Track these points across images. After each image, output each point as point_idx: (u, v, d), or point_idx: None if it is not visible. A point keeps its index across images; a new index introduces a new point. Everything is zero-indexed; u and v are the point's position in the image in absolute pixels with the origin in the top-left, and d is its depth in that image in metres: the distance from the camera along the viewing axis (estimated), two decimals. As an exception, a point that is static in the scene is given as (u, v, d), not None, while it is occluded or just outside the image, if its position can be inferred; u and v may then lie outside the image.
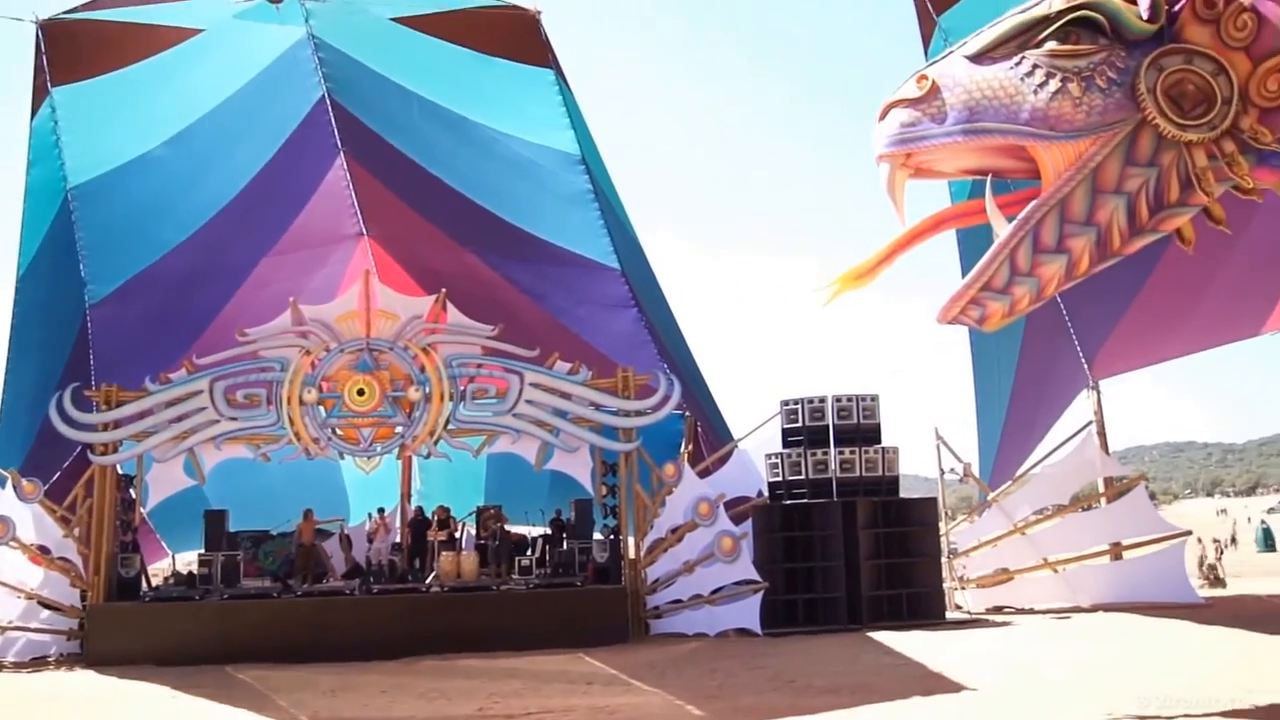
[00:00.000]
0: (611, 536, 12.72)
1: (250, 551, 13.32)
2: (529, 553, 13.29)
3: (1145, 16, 3.97)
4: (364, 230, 14.66)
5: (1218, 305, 13.11)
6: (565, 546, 12.82)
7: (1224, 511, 74.16)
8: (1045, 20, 4.11)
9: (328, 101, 13.41)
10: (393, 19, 13.36)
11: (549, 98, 14.03)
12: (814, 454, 13.09)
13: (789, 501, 13.05)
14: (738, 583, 12.32)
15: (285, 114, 13.45)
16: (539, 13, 13.74)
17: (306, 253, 14.38)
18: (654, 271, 15.30)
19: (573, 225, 14.27)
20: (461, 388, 12.88)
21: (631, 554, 12.83)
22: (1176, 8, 4.08)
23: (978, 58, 4.17)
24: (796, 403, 13.33)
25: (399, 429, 12.69)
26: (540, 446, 12.77)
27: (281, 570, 13.18)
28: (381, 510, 14.24)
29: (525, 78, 14.01)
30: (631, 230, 14.97)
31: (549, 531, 13.62)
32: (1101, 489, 14.43)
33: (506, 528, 13.50)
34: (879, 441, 13.14)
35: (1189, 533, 13.80)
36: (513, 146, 14.02)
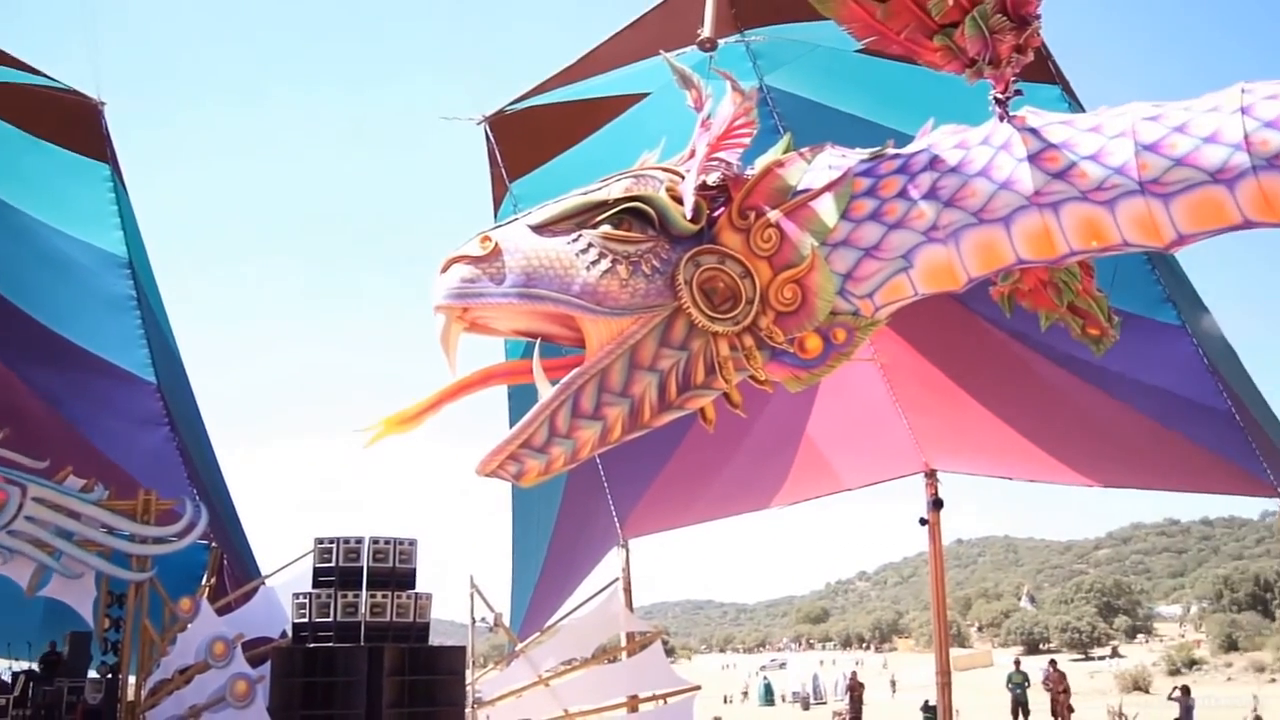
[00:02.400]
0: (109, 675, 11.50)
1: None
2: (7, 693, 11.64)
3: (689, 216, 4.37)
4: None
5: (735, 479, 14.48)
6: (54, 686, 11.38)
7: (730, 666, 79.67)
8: (604, 204, 4.45)
9: None
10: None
11: (100, 193, 13.27)
12: (345, 595, 12.74)
13: (313, 644, 12.49)
14: (250, 729, 11.45)
15: None
16: (103, 104, 12.83)
17: None
18: (193, 389, 14.42)
19: (109, 331, 13.41)
20: (-55, 497, 11.46)
21: (131, 696, 11.56)
22: (716, 213, 4.50)
23: (540, 228, 4.42)
24: (332, 541, 13.01)
25: None
26: (36, 569, 11.48)
27: None
28: None
29: (78, 169, 13.03)
30: (174, 344, 14.11)
31: (37, 668, 12.05)
32: (623, 643, 15.00)
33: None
34: (413, 586, 13.07)
35: (698, 687, 14.69)
36: (53, 240, 12.99)
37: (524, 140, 12.39)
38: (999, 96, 4.58)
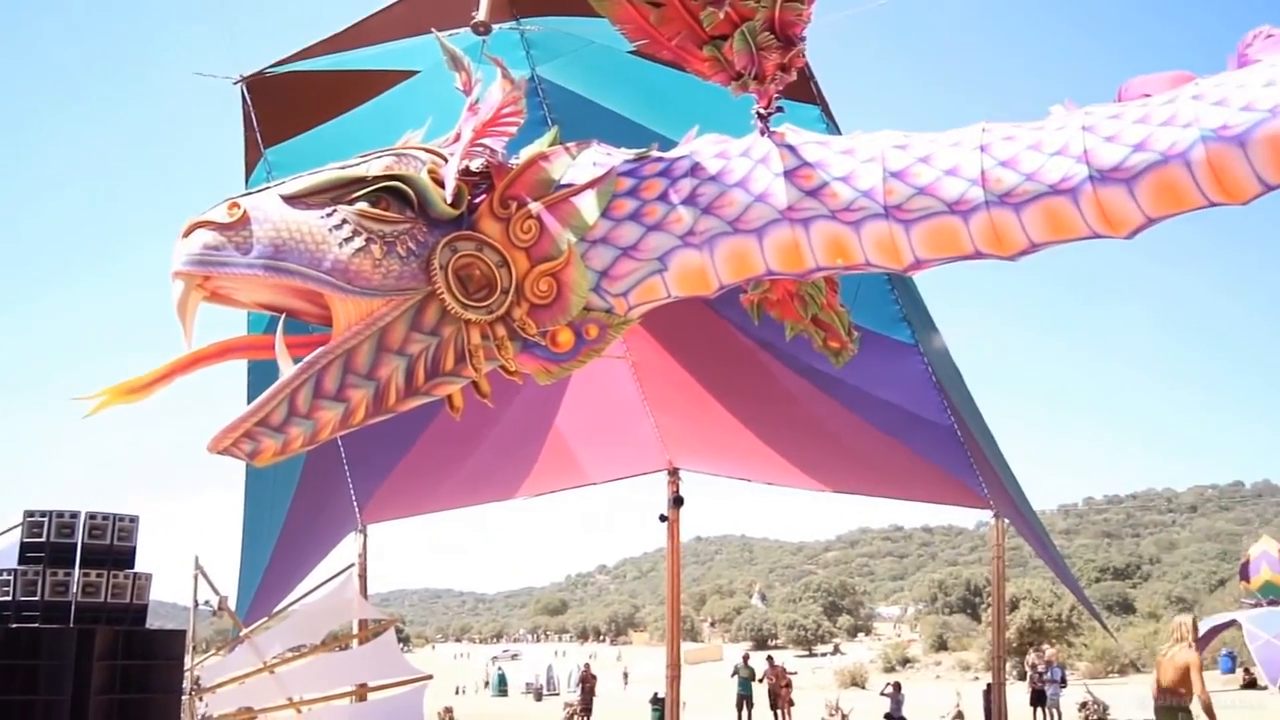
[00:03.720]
0: None
1: None
2: None
3: (449, 200, 4.30)
4: None
5: (481, 468, 14.38)
6: None
7: (464, 656, 79.33)
8: (362, 180, 4.31)
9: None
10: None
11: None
12: (54, 574, 11.81)
13: (16, 625, 11.57)
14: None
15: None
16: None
17: None
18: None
19: None
20: None
21: None
22: (477, 200, 4.45)
23: (292, 199, 4.24)
24: (43, 515, 12.00)
25: None
26: None
27: None
28: None
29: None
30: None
31: None
32: (356, 630, 14.67)
33: None
34: (131, 566, 12.32)
35: (430, 677, 14.54)
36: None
37: (284, 106, 11.66)
38: (761, 111, 4.73)
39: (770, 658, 31.82)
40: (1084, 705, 26.69)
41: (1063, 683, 28.51)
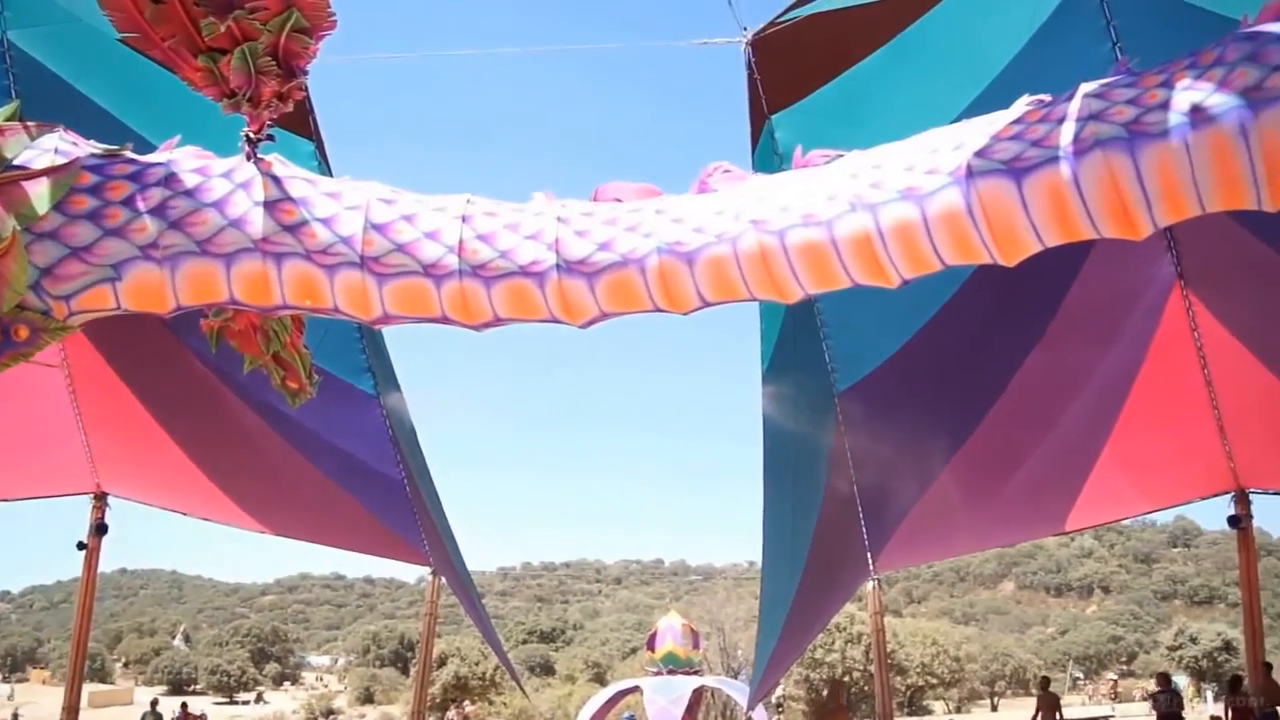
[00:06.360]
0: None
1: None
2: None
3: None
4: None
5: None
6: None
7: None
8: None
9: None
10: None
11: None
12: None
13: None
14: None
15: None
16: None
17: None
18: None
19: None
20: None
21: None
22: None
23: None
24: None
25: None
26: None
27: None
28: None
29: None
30: None
31: None
32: None
33: None
34: None
35: None
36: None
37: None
38: (251, 135, 4.58)
39: (185, 704, 30.06)
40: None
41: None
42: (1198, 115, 3.47)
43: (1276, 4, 3.59)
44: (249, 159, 4.56)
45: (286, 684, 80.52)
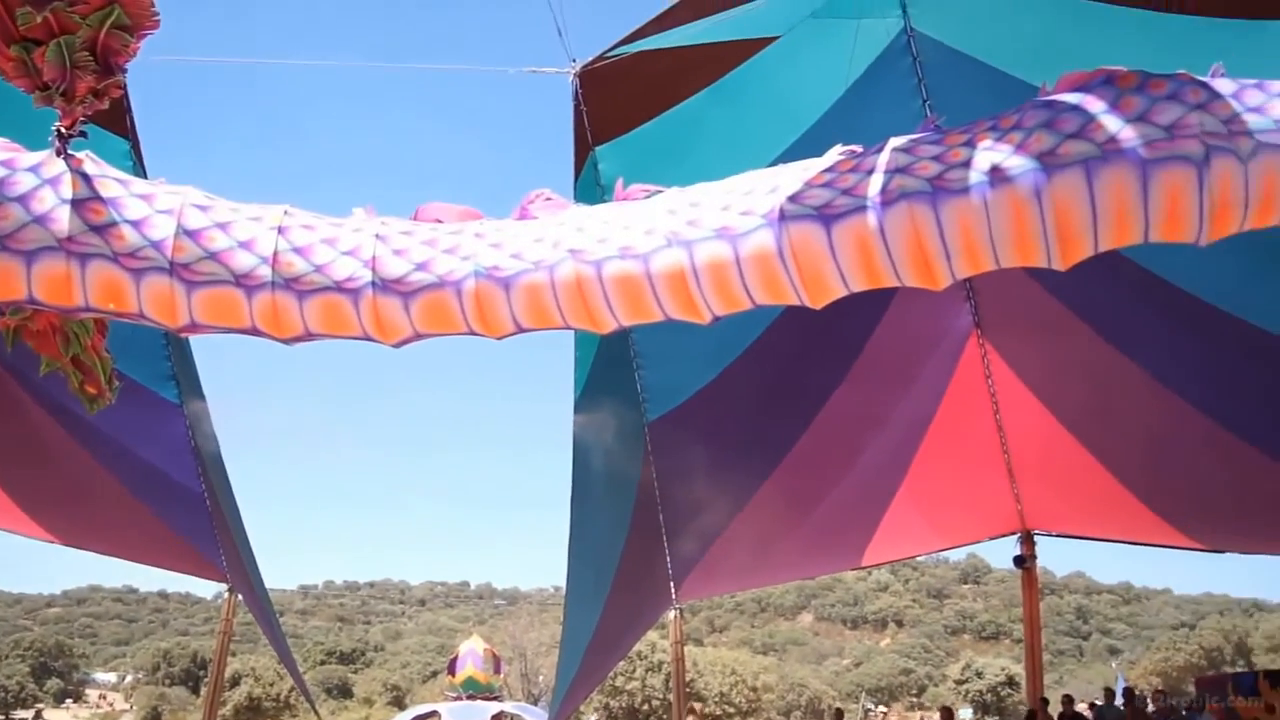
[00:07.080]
0: None
1: None
2: None
3: None
4: None
5: None
6: None
7: None
8: None
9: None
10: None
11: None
12: None
13: None
14: None
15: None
16: None
17: None
18: None
19: None
20: None
21: None
22: None
23: None
24: None
25: None
26: None
27: None
28: None
29: None
30: None
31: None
32: None
33: None
34: None
35: None
36: None
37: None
38: (62, 130, 4.42)
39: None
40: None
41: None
42: (996, 175, 3.75)
43: (1073, 75, 3.91)
44: (59, 154, 4.41)
45: (69, 701, 76.28)
